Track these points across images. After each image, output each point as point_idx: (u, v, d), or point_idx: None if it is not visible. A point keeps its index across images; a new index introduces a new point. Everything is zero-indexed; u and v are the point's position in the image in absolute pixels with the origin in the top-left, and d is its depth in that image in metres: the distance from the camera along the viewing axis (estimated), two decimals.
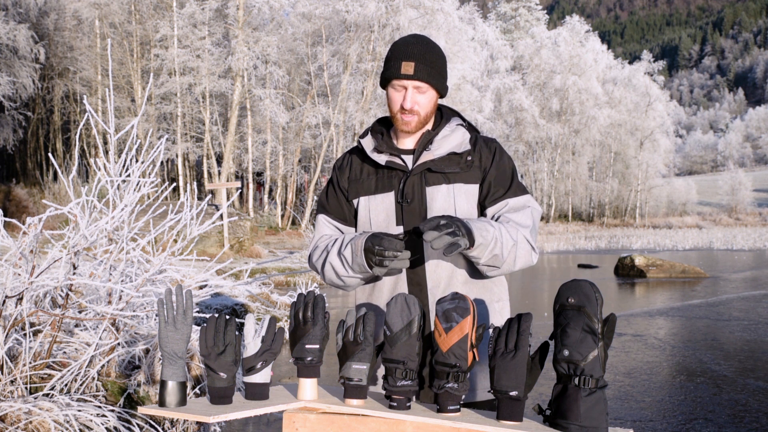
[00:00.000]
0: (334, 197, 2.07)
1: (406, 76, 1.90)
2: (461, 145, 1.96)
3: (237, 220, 16.80)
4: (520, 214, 1.91)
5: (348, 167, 2.07)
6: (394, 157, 1.98)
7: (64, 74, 29.76)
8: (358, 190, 2.02)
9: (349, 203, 2.04)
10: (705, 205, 75.12)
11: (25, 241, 3.33)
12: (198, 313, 4.55)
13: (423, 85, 1.91)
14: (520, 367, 1.54)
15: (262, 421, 4.61)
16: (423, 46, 1.93)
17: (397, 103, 1.94)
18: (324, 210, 2.08)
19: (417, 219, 1.93)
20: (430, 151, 1.95)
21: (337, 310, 10.07)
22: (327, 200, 2.09)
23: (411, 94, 1.91)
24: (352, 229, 2.05)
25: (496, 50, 49.32)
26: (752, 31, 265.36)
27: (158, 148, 3.94)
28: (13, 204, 21.20)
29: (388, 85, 1.97)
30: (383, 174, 1.99)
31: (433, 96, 1.95)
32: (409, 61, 1.90)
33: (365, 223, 1.99)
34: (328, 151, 31.93)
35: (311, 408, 1.72)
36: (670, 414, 5.00)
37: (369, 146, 2.01)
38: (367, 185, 2.01)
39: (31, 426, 3.10)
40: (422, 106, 1.93)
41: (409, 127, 1.94)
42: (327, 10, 30.14)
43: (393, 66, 1.92)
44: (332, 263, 1.92)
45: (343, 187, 2.05)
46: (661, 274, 16.43)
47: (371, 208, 1.98)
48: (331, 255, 1.93)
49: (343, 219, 2.06)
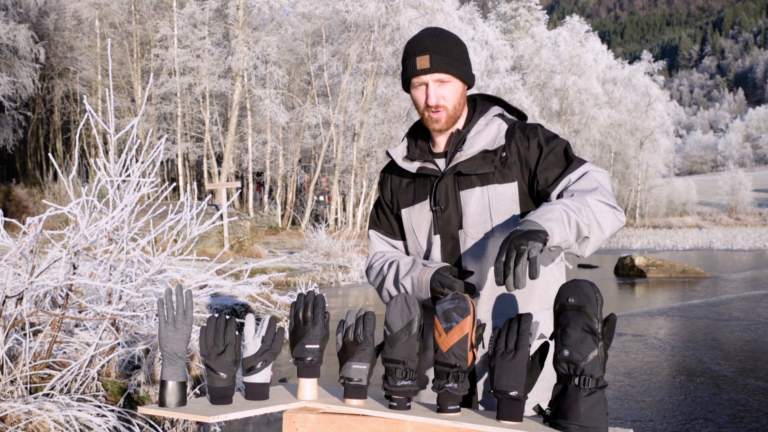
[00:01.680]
0: (382, 212, 2.02)
1: (423, 71, 1.79)
2: (495, 141, 1.82)
3: (237, 220, 16.80)
4: (581, 182, 1.70)
5: (388, 180, 2.00)
6: (427, 162, 1.88)
7: (64, 74, 29.77)
8: (400, 202, 1.96)
9: (396, 216, 1.99)
10: (705, 205, 75.15)
11: (25, 241, 3.33)
12: (198, 313, 4.55)
13: (444, 76, 1.80)
14: (520, 367, 1.54)
15: (262, 421, 4.61)
16: (436, 36, 1.82)
17: (422, 101, 1.83)
18: (375, 226, 2.03)
19: (453, 227, 1.84)
20: (462, 152, 1.83)
21: (337, 310, 10.07)
22: (377, 216, 2.04)
23: (433, 89, 1.80)
24: (401, 244, 2.01)
25: (496, 50, 49.31)
26: (752, 31, 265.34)
27: (158, 148, 3.94)
28: (13, 204, 21.20)
29: (410, 87, 1.86)
30: (419, 182, 1.91)
31: (458, 86, 1.83)
32: (424, 55, 1.79)
33: (410, 235, 1.94)
34: (328, 151, 31.94)
35: (311, 408, 1.72)
36: (670, 414, 5.00)
37: (399, 155, 1.93)
38: (406, 196, 1.94)
39: (31, 426, 3.10)
40: (448, 99, 1.82)
41: (439, 124, 1.83)
42: (327, 10, 30.16)
43: (409, 64, 1.83)
44: (389, 291, 1.88)
45: (387, 201, 2.00)
46: (661, 274, 16.43)
47: (412, 219, 1.92)
48: (387, 282, 1.88)
49: (393, 234, 2.01)
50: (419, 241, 1.92)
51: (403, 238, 2.00)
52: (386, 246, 2.01)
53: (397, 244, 2.01)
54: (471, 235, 1.82)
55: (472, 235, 1.82)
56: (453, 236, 1.85)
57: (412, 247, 1.95)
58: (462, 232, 1.83)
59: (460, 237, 1.84)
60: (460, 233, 1.84)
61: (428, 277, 1.74)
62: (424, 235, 1.89)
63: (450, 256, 1.85)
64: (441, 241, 1.86)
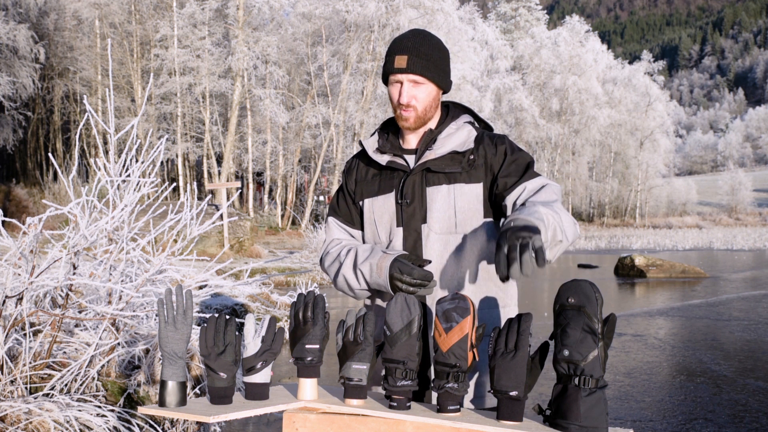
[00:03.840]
0: (344, 201, 2.06)
1: (400, 70, 1.86)
2: (464, 144, 1.91)
3: (237, 220, 16.80)
4: (542, 193, 1.81)
5: (355, 170, 2.05)
6: (396, 157, 1.95)
7: (64, 74, 29.78)
8: (363, 192, 2.01)
9: (356, 206, 2.03)
10: (705, 205, 75.18)
11: (25, 241, 3.33)
12: (198, 313, 4.55)
13: (419, 78, 1.87)
14: (520, 367, 1.54)
15: (262, 421, 4.61)
16: (418, 39, 1.89)
17: (395, 98, 1.91)
18: (334, 213, 2.07)
19: (417, 221, 1.90)
20: (432, 150, 1.91)
21: (337, 310, 10.07)
22: (337, 204, 2.08)
23: (406, 88, 1.87)
24: (359, 233, 2.04)
25: (496, 50, 49.34)
26: (752, 31, 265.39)
27: (158, 148, 3.94)
28: (13, 204, 21.20)
29: (387, 82, 1.94)
30: (386, 175, 1.97)
31: (431, 90, 1.90)
32: (403, 55, 1.86)
33: (370, 225, 1.98)
34: (328, 151, 31.95)
35: (311, 408, 1.72)
36: (670, 414, 5.00)
37: (371, 147, 2.00)
38: (370, 187, 1.99)
39: (31, 426, 3.10)
40: (420, 100, 1.89)
41: (408, 122, 1.90)
42: (327, 10, 30.16)
43: (388, 61, 1.90)
44: (346, 276, 1.91)
45: (350, 190, 2.04)
46: (661, 274, 16.43)
47: (374, 209, 1.97)
48: (345, 268, 1.91)
49: (351, 223, 2.04)
50: (379, 233, 1.96)
51: (361, 228, 2.04)
52: (344, 234, 2.05)
53: (355, 233, 2.04)
54: (434, 230, 1.88)
55: (436, 230, 1.88)
56: (416, 230, 1.90)
57: (370, 238, 2.00)
58: (426, 226, 1.89)
59: (423, 231, 1.90)
60: (424, 227, 1.90)
61: (388, 263, 1.79)
62: (386, 227, 1.94)
63: (411, 249, 1.90)
64: (404, 234, 1.91)
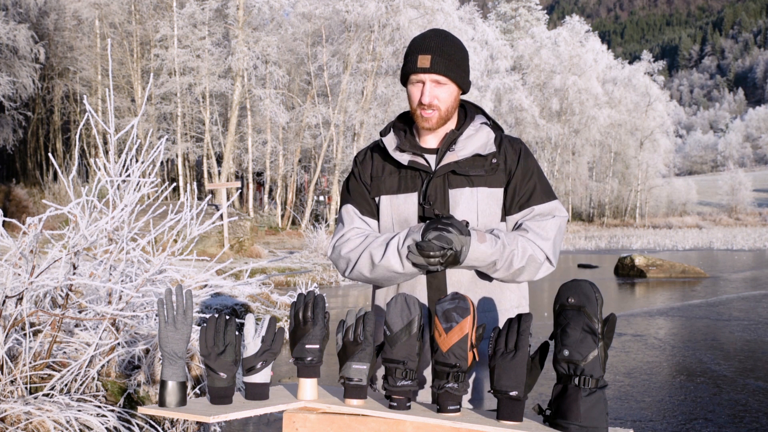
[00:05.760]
0: (359, 190, 2.00)
1: (423, 70, 1.84)
2: (486, 146, 1.90)
3: (237, 220, 16.80)
4: (544, 224, 1.86)
5: (370, 163, 2.01)
6: (417, 156, 1.92)
7: (64, 74, 29.77)
8: (380, 188, 1.96)
9: (373, 199, 1.99)
10: (705, 205, 75.19)
11: (25, 241, 3.33)
12: (198, 313, 4.55)
13: (441, 79, 1.85)
14: (520, 367, 1.54)
15: (262, 421, 4.61)
16: (440, 38, 1.87)
17: (416, 98, 1.88)
18: (354, 202, 2.00)
19: None
20: (454, 152, 1.89)
21: (337, 310, 10.07)
22: (355, 192, 2.01)
23: (429, 89, 1.85)
24: (376, 224, 1.99)
25: (496, 50, 49.31)
26: (752, 31, 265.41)
27: (158, 148, 3.94)
28: (13, 204, 21.20)
29: (407, 82, 1.91)
30: (406, 174, 1.94)
31: (453, 90, 1.89)
32: (426, 54, 1.84)
33: (387, 222, 1.95)
34: (328, 151, 31.94)
35: (311, 408, 1.72)
36: (670, 414, 5.00)
37: (391, 144, 1.96)
38: (389, 184, 1.95)
39: (31, 426, 3.10)
40: (442, 100, 1.87)
41: (429, 123, 1.88)
42: (327, 10, 30.15)
43: (410, 60, 1.87)
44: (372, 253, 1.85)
45: (365, 182, 2.00)
46: (661, 274, 16.43)
47: (394, 208, 1.94)
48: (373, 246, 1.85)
49: (371, 214, 1.99)
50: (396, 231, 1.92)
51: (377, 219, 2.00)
52: (364, 225, 1.98)
53: (373, 224, 1.99)
54: None
55: None
56: None
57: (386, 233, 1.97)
58: None
59: None
60: None
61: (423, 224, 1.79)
62: (404, 227, 1.91)
63: None
64: None
